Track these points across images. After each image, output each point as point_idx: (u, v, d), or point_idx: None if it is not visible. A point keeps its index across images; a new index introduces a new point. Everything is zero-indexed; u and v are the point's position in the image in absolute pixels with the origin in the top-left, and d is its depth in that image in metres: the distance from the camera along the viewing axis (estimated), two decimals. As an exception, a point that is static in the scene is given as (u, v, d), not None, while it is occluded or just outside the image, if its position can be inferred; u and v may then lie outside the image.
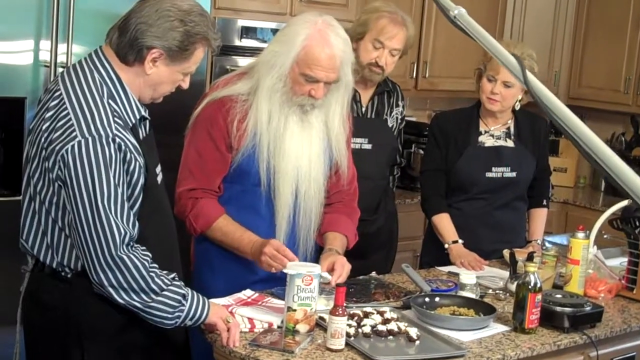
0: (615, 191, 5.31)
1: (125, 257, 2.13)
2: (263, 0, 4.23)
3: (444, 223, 3.36)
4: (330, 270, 2.62)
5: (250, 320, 2.43)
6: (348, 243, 2.86)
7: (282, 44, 2.63)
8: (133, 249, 2.16)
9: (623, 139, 5.55)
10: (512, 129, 3.44)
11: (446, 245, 3.30)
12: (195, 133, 2.74)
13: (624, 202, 3.07)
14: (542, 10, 5.62)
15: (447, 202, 3.41)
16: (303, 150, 2.70)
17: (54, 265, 2.23)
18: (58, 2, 3.42)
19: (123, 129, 2.16)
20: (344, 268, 2.64)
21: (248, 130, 2.66)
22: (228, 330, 2.28)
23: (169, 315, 2.20)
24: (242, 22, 4.15)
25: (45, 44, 3.44)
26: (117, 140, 2.12)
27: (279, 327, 2.39)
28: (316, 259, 2.74)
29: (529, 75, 1.37)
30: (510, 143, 3.43)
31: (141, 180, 2.19)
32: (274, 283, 2.67)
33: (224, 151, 2.69)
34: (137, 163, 2.17)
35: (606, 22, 5.45)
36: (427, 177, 3.48)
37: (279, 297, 2.60)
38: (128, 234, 2.13)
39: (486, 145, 3.40)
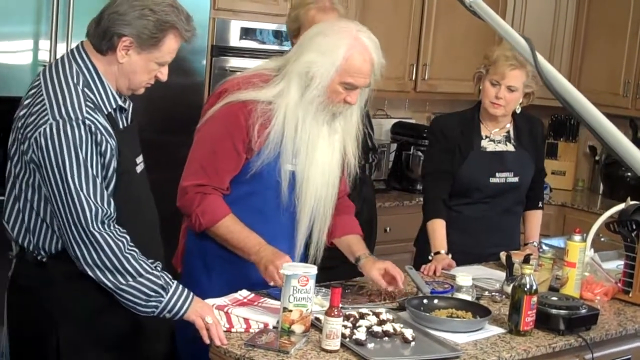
0: (613, 194, 5.36)
1: (97, 234, 2.18)
2: (262, 2, 4.24)
3: (436, 231, 3.31)
4: (384, 276, 2.73)
5: (246, 320, 2.43)
6: None
7: (320, 54, 2.60)
8: (110, 228, 2.21)
9: (622, 142, 5.55)
10: (511, 133, 3.44)
11: (430, 257, 3.26)
12: (213, 129, 2.70)
13: (621, 205, 3.08)
14: (541, 13, 5.62)
15: (448, 204, 3.39)
16: (328, 157, 2.72)
17: (31, 248, 2.30)
18: (57, 1, 3.43)
19: (94, 112, 2.23)
20: (397, 270, 2.74)
21: (271, 136, 2.64)
22: (208, 329, 2.29)
23: (143, 302, 2.23)
24: (241, 24, 4.16)
25: (44, 44, 3.45)
26: (88, 122, 2.20)
27: (274, 327, 2.40)
28: (323, 259, 2.78)
29: (540, 57, 1.41)
30: (510, 147, 3.42)
31: (113, 163, 2.25)
32: (268, 285, 2.67)
33: (240, 151, 2.67)
34: (109, 145, 2.24)
35: (606, 26, 5.45)
36: (429, 180, 3.46)
37: (274, 297, 2.60)
38: (101, 211, 2.18)
39: (488, 150, 3.40)
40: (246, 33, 4.18)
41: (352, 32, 2.62)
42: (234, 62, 4.12)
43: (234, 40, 4.14)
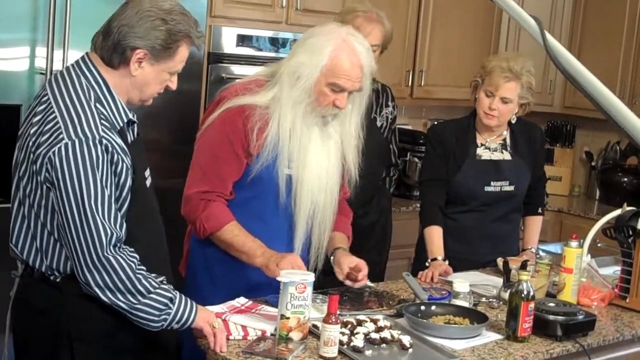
0: (610, 200, 5.37)
1: (111, 258, 2.14)
2: (259, 9, 4.24)
3: (433, 238, 3.33)
4: (353, 269, 2.75)
5: (244, 327, 2.43)
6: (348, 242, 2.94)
7: (308, 55, 2.63)
8: (121, 250, 2.18)
9: (618, 147, 5.56)
10: (508, 141, 3.44)
11: (427, 263, 3.28)
12: (212, 136, 2.72)
13: (618, 211, 3.08)
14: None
15: (444, 211, 3.39)
16: (323, 161, 2.73)
17: (43, 269, 2.25)
18: (54, 9, 3.43)
19: (110, 130, 2.18)
20: (364, 266, 2.76)
21: (268, 140, 2.65)
22: (214, 335, 2.29)
23: (155, 318, 2.21)
24: (237, 31, 4.16)
25: (41, 51, 3.45)
26: (104, 142, 2.14)
27: (272, 334, 2.40)
28: (328, 264, 2.80)
29: (549, 36, 1.41)
30: (507, 155, 3.42)
31: (129, 182, 2.22)
32: (271, 290, 2.67)
33: (240, 155, 2.69)
34: (125, 164, 2.19)
35: (601, 31, 5.47)
36: (426, 187, 3.47)
37: (272, 304, 2.60)
38: (115, 234, 2.15)
39: (483, 158, 3.40)
40: (242, 40, 4.18)
41: (342, 34, 2.64)
42: (230, 69, 4.12)
43: (230, 48, 4.14)
